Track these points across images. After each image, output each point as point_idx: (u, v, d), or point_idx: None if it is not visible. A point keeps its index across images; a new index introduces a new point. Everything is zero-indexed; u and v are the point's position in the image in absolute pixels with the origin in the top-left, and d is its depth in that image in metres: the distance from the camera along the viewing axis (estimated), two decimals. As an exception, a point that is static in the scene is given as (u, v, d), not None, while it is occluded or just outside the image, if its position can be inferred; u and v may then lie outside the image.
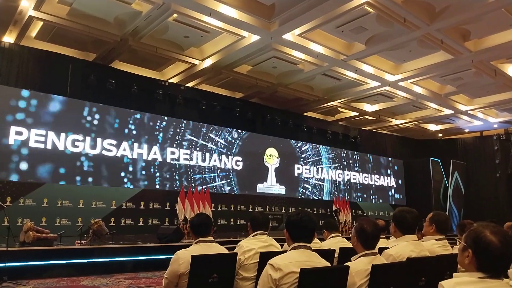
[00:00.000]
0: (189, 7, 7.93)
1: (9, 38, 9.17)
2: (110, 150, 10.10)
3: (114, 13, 8.52)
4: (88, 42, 9.63)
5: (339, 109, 14.74)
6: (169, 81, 11.55)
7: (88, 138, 9.77)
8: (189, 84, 11.93)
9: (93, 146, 9.84)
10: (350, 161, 16.10)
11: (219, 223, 11.52)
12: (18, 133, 8.79)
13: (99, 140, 9.94)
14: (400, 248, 2.85)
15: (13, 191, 8.54)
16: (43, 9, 8.15)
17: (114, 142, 10.20)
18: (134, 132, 10.58)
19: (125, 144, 10.36)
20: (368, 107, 14.59)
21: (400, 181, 17.88)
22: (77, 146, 9.60)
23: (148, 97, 10.94)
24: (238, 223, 12.14)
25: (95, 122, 9.97)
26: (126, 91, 10.43)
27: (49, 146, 9.16)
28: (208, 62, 10.41)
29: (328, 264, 2.44)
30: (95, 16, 8.57)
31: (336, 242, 4.15)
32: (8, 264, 5.57)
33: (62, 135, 9.39)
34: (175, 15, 8.31)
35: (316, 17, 8.17)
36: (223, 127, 12.50)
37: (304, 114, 14.91)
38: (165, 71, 11.48)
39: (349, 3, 7.70)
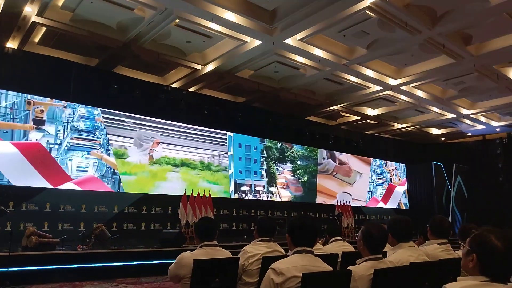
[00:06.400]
0: (191, 13, 7.96)
1: (12, 44, 9.22)
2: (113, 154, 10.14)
3: (117, 19, 8.57)
4: (91, 48, 9.67)
5: (341, 113, 14.72)
6: (171, 86, 11.57)
7: (91, 142, 9.82)
8: (192, 89, 11.95)
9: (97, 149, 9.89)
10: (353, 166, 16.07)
11: (221, 228, 11.48)
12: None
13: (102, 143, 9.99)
14: (398, 254, 2.89)
15: (15, 196, 8.54)
16: (46, 14, 8.18)
17: (117, 145, 10.24)
18: (136, 136, 10.61)
19: (128, 148, 10.40)
20: (370, 111, 14.58)
21: (402, 186, 17.81)
22: (81, 151, 9.65)
23: (150, 102, 10.96)
24: (240, 228, 12.12)
25: (98, 126, 10.02)
26: (129, 96, 10.47)
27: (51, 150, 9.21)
28: (210, 67, 10.43)
29: (331, 269, 2.44)
30: (97, 21, 8.62)
31: (338, 246, 4.14)
32: (10, 269, 5.57)
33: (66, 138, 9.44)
34: (177, 20, 8.34)
35: (317, 22, 8.19)
36: (225, 131, 12.52)
37: (306, 118, 14.90)
38: (167, 76, 11.51)
39: (350, 8, 7.72)
